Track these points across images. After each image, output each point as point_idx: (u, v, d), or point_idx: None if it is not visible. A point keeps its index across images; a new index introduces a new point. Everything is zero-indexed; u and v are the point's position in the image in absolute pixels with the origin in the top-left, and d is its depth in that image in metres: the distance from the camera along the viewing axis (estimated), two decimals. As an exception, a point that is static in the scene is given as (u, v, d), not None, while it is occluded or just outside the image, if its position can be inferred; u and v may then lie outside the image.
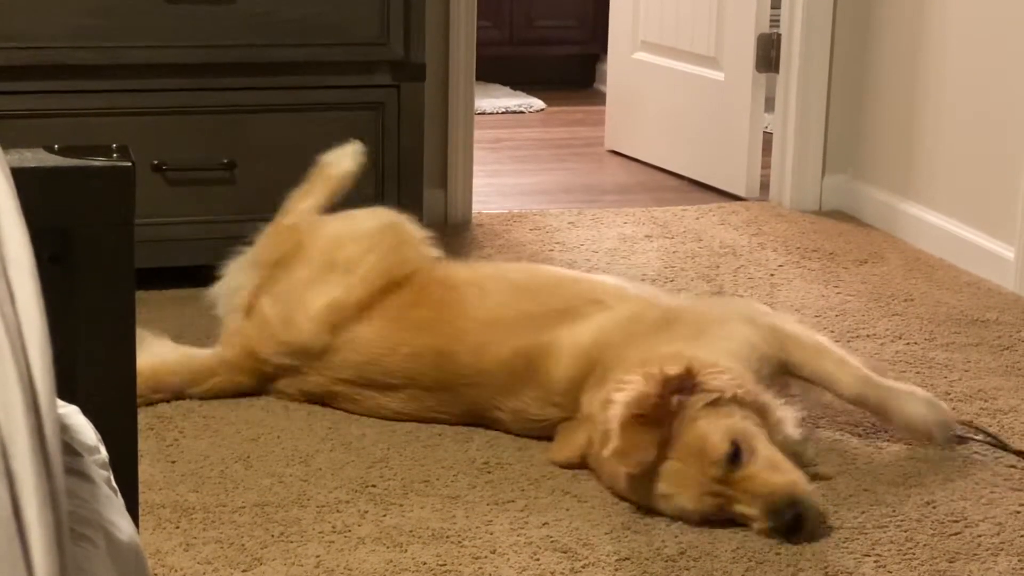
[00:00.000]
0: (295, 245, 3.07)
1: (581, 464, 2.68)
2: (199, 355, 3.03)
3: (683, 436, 2.46)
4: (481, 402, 2.84)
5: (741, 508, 2.45)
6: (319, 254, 3.03)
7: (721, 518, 2.48)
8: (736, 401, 2.52)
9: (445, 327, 2.86)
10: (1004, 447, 2.84)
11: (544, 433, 2.79)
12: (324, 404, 2.96)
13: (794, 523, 2.41)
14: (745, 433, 2.47)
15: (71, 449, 1.20)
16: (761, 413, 2.55)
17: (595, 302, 2.84)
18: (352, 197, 3.22)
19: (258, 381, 2.99)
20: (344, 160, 3.26)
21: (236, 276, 3.11)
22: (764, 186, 4.86)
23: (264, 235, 3.15)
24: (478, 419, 2.86)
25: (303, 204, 3.18)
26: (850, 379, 2.79)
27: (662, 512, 2.50)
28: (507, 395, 2.81)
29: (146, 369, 2.87)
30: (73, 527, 1.04)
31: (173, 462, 2.70)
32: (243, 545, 2.39)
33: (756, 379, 2.65)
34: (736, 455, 2.44)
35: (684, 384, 2.49)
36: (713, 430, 2.46)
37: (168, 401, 2.96)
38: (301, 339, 2.93)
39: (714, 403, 2.49)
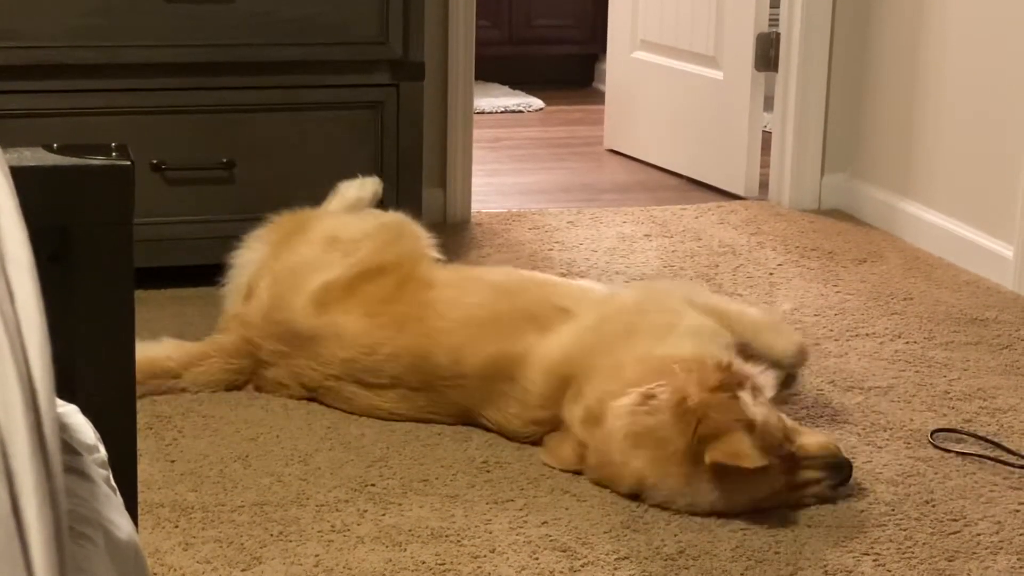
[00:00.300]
0: (301, 225, 3.15)
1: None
2: (194, 344, 3.07)
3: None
4: (466, 405, 2.85)
5: (805, 475, 2.55)
6: (323, 233, 3.10)
7: (780, 500, 2.54)
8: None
9: (421, 326, 2.88)
10: (1005, 450, 2.84)
11: (534, 441, 2.80)
12: (322, 402, 2.96)
13: (849, 474, 2.61)
14: (772, 410, 2.59)
15: (70, 448, 1.20)
16: (754, 390, 2.62)
17: (560, 309, 2.85)
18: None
19: (253, 366, 3.00)
20: (360, 188, 3.36)
21: (246, 253, 3.16)
22: (763, 185, 4.86)
23: (276, 218, 3.22)
24: (469, 420, 2.87)
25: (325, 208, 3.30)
26: (787, 348, 2.91)
27: (724, 512, 2.51)
28: (487, 405, 2.83)
29: (141, 357, 2.90)
30: (72, 526, 1.04)
31: (172, 461, 2.70)
32: (242, 544, 2.39)
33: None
34: None
35: (734, 380, 2.55)
36: (763, 415, 2.52)
37: (162, 393, 2.97)
38: (291, 318, 2.95)
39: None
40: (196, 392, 3.00)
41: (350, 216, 3.23)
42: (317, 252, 3.05)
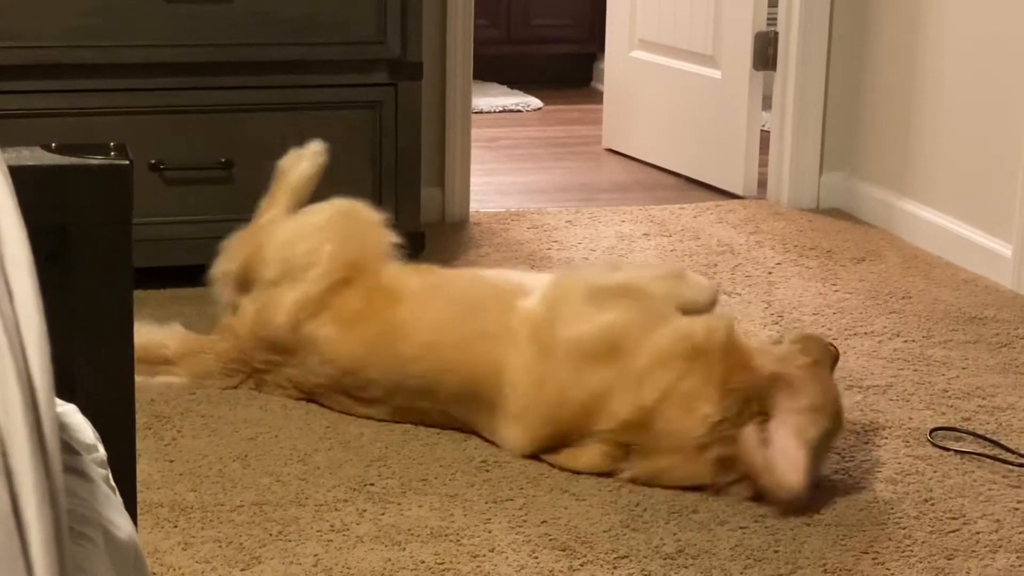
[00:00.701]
0: (256, 248, 3.08)
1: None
2: (195, 337, 3.08)
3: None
4: (457, 420, 2.84)
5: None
6: (276, 255, 3.03)
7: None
8: None
9: (392, 352, 2.85)
10: (1004, 448, 2.85)
11: None
12: (322, 404, 2.96)
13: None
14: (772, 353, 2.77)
15: (69, 447, 1.20)
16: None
17: (508, 332, 2.78)
18: (349, 197, 3.21)
19: (248, 369, 3.01)
20: (301, 163, 3.23)
21: (218, 277, 3.14)
22: (762, 184, 4.86)
23: (230, 241, 3.14)
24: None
25: (269, 213, 3.17)
26: (704, 296, 2.91)
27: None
28: (475, 427, 2.82)
29: (138, 340, 2.93)
30: (72, 526, 1.04)
31: (171, 461, 2.70)
32: (241, 544, 2.39)
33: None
34: None
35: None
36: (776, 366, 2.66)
37: (154, 376, 2.99)
38: (275, 335, 2.96)
39: None
40: (192, 393, 3.00)
41: (296, 223, 3.10)
42: (279, 273, 2.99)
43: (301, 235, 3.06)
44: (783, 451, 2.52)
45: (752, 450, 2.54)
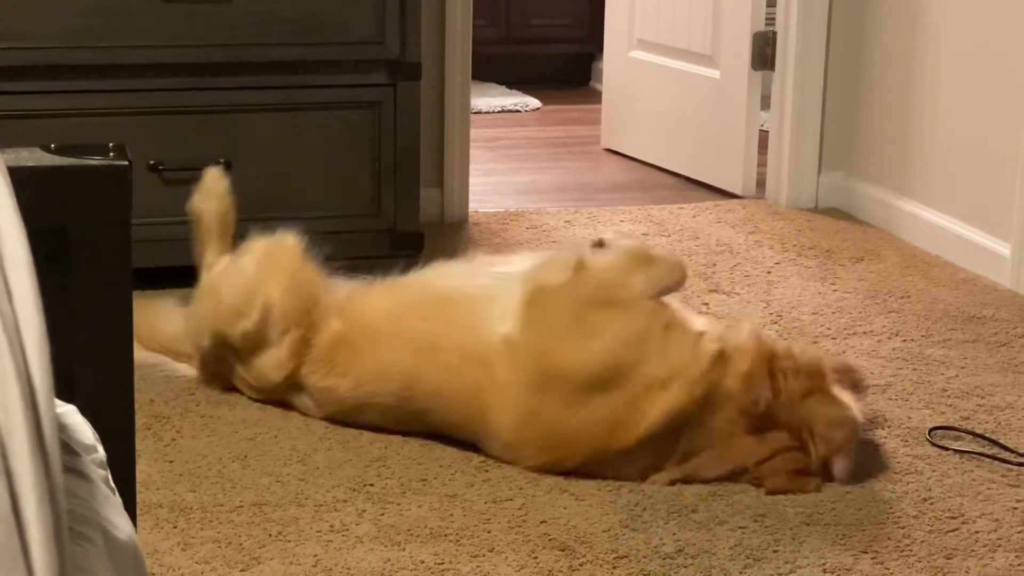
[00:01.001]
0: (213, 327, 3.01)
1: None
2: None
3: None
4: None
5: None
6: (234, 333, 2.95)
7: None
8: None
9: (376, 397, 2.82)
10: (1003, 447, 2.85)
11: None
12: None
13: None
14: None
15: (69, 448, 1.20)
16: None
17: (480, 362, 2.72)
18: (348, 198, 3.21)
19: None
20: (209, 199, 3.13)
21: (196, 357, 3.11)
22: (760, 184, 4.86)
23: (189, 322, 3.08)
24: None
25: (208, 259, 3.10)
26: (677, 276, 2.83)
27: None
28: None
29: (173, 325, 3.11)
30: (71, 526, 1.04)
31: (171, 461, 2.70)
32: (241, 544, 2.39)
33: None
34: None
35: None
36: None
37: (173, 358, 3.05)
38: (266, 387, 2.95)
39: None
40: (192, 393, 3.00)
41: (229, 286, 2.99)
42: (246, 344, 2.94)
43: (241, 302, 2.95)
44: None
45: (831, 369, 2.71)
